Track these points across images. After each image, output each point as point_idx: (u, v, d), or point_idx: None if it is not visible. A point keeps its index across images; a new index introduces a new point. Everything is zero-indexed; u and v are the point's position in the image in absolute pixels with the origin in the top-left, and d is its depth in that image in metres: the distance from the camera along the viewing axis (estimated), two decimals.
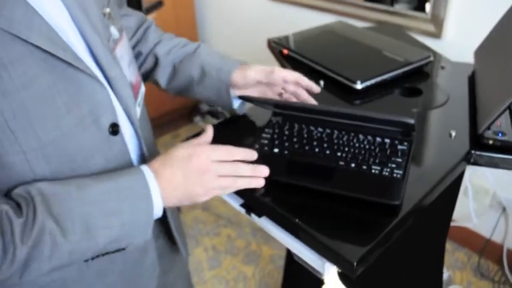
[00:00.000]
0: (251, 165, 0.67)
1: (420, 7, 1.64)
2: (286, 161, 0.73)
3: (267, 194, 0.69)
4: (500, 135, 0.78)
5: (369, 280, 0.73)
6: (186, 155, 0.63)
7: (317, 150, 0.74)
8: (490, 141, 0.78)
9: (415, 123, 0.70)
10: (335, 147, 0.74)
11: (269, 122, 0.82)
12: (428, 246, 1.01)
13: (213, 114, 2.78)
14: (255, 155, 0.68)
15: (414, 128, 0.72)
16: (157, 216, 0.61)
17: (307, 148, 0.74)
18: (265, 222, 0.71)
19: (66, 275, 0.64)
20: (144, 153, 0.70)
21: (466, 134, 0.82)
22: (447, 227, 1.03)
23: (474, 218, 1.74)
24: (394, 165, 0.69)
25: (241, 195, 0.74)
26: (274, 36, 1.28)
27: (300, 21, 1.49)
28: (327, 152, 0.73)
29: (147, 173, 0.60)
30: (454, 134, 0.82)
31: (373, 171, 0.69)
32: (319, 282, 0.70)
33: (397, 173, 0.68)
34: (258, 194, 0.69)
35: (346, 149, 0.73)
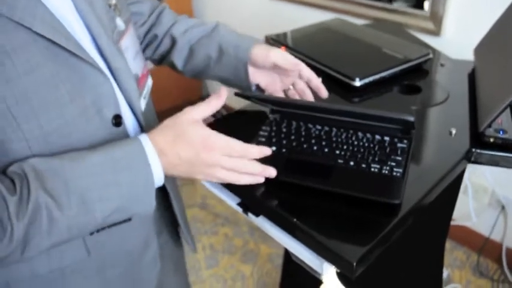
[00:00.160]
0: (261, 166, 0.64)
1: (419, 4, 1.62)
2: (284, 159, 0.71)
3: (265, 193, 0.68)
4: (501, 133, 0.77)
5: (367, 280, 0.72)
6: (197, 140, 0.59)
7: (315, 148, 0.73)
8: (491, 139, 0.77)
9: (415, 121, 0.69)
10: (334, 145, 0.72)
11: (267, 119, 0.81)
12: (428, 246, 1.00)
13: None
14: (269, 151, 0.65)
15: (414, 126, 0.71)
16: (159, 185, 0.60)
17: (306, 146, 0.73)
18: (262, 222, 0.70)
19: (65, 266, 0.63)
20: None
21: (467, 132, 0.81)
22: (447, 226, 1.02)
23: (473, 216, 1.73)
24: (393, 164, 0.68)
25: (238, 194, 0.72)
26: (272, 33, 1.27)
27: (298, 18, 1.49)
28: (326, 150, 0.72)
29: (145, 141, 0.58)
30: (454, 132, 0.81)
31: (372, 170, 0.68)
32: (318, 281, 0.69)
33: (397, 171, 0.67)
34: (255, 193, 0.68)
35: (345, 147, 0.72)
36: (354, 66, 1.01)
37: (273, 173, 0.65)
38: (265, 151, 0.64)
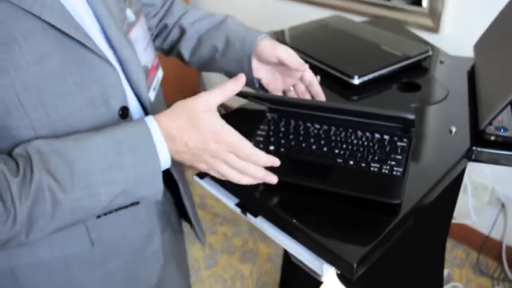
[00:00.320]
0: (264, 171, 0.63)
1: (417, 1, 1.61)
2: (282, 158, 0.70)
3: (263, 193, 0.67)
4: (502, 131, 0.76)
5: (368, 279, 0.71)
6: (208, 130, 0.58)
7: (314, 147, 0.72)
8: (492, 137, 0.76)
9: (415, 119, 0.68)
10: (333, 144, 0.71)
11: (264, 118, 0.80)
12: (428, 245, 0.99)
13: None
14: (278, 162, 0.64)
15: (414, 124, 0.70)
16: (165, 167, 0.59)
17: (304, 145, 0.72)
18: (261, 222, 0.69)
19: (68, 255, 0.64)
20: None
21: (467, 130, 0.80)
22: (448, 225, 1.02)
23: (473, 214, 1.72)
24: (393, 163, 0.67)
25: (236, 194, 0.71)
26: (270, 30, 1.26)
27: (297, 16, 1.47)
28: (325, 149, 0.71)
29: (151, 122, 0.57)
30: (454, 130, 0.80)
31: (372, 169, 0.67)
32: (318, 283, 0.68)
33: (397, 170, 0.66)
34: (254, 193, 0.67)
35: (344, 145, 0.71)
36: (353, 64, 1.00)
37: (274, 180, 0.64)
38: (274, 161, 0.63)
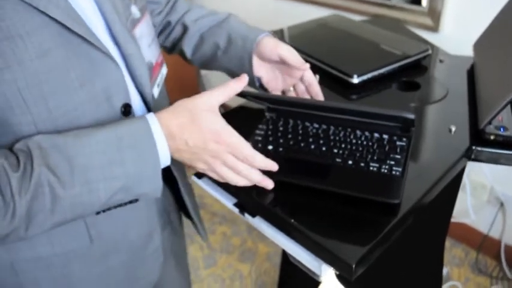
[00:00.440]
0: (262, 176, 0.64)
1: (417, 0, 1.61)
2: (281, 158, 0.70)
3: (261, 193, 0.66)
4: (502, 130, 0.75)
5: (366, 279, 0.71)
6: (209, 130, 0.58)
7: (313, 146, 0.71)
8: (492, 137, 0.75)
9: (415, 118, 0.68)
10: (331, 144, 0.71)
11: (263, 118, 0.79)
12: (428, 244, 0.99)
13: None
14: (276, 167, 0.64)
15: (414, 123, 0.70)
16: (165, 165, 0.59)
17: (303, 145, 0.72)
18: (259, 223, 0.68)
19: (68, 251, 0.64)
20: None
21: (466, 130, 0.80)
22: (447, 224, 1.01)
23: (472, 213, 1.72)
24: (392, 162, 0.67)
25: (234, 194, 0.71)
26: (270, 30, 1.25)
27: (297, 15, 1.47)
28: (323, 149, 0.70)
29: (152, 119, 0.57)
30: (453, 129, 0.79)
31: (371, 169, 0.66)
32: (317, 282, 0.68)
33: (396, 170, 0.65)
34: (251, 193, 0.66)
35: (343, 145, 0.70)
36: (352, 63, 1.00)
37: (270, 185, 0.64)
38: (273, 166, 0.64)
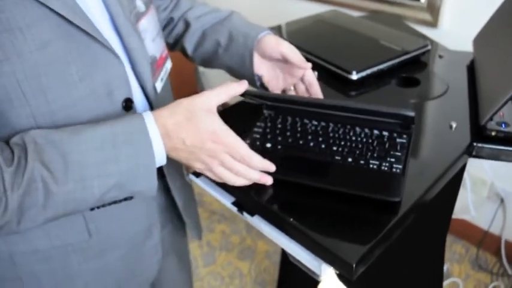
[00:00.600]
0: (259, 174, 0.62)
1: None
2: (279, 156, 0.69)
3: (259, 192, 0.66)
4: (503, 126, 0.74)
5: (367, 276, 0.70)
6: (207, 130, 0.57)
7: (312, 144, 0.70)
8: (493, 133, 0.74)
9: (415, 116, 0.67)
10: (331, 141, 0.70)
11: (261, 115, 0.78)
12: (429, 242, 0.98)
13: None
14: (274, 168, 0.63)
15: (414, 121, 0.69)
16: (161, 164, 0.58)
17: (302, 142, 0.71)
18: (258, 221, 0.67)
19: (66, 244, 0.64)
20: None
21: (467, 126, 0.79)
22: (448, 221, 1.01)
23: (472, 209, 1.71)
24: (393, 160, 0.66)
25: (232, 193, 0.70)
26: (268, 26, 1.24)
27: (295, 11, 1.46)
28: (322, 146, 0.69)
29: (148, 118, 0.56)
30: (454, 125, 0.79)
31: (371, 166, 0.65)
32: (317, 282, 0.67)
33: (397, 167, 0.64)
34: (250, 192, 0.65)
35: (343, 142, 0.69)
36: (351, 59, 0.99)
37: (269, 181, 0.63)
38: (270, 167, 0.63)
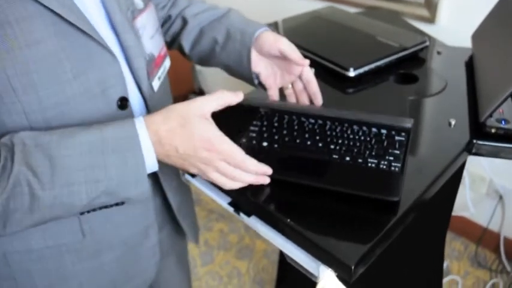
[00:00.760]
0: (255, 176, 0.61)
1: None
2: (276, 155, 0.68)
3: (256, 192, 0.64)
4: (503, 123, 0.73)
5: (366, 275, 0.69)
6: (200, 137, 0.56)
7: (309, 143, 0.69)
8: (493, 130, 0.73)
9: (412, 128, 0.66)
10: (328, 140, 0.69)
11: (257, 113, 0.77)
12: (428, 240, 0.97)
13: None
14: (270, 170, 0.62)
15: (410, 132, 0.68)
16: (152, 170, 0.57)
17: (299, 141, 0.69)
18: (254, 222, 0.66)
19: (61, 244, 0.63)
20: None
21: (466, 123, 0.78)
22: (448, 219, 1.00)
23: (471, 207, 1.71)
24: (391, 158, 0.64)
25: (228, 194, 0.69)
26: (264, 23, 1.22)
27: (292, 8, 1.44)
28: (320, 145, 0.68)
29: (140, 124, 0.55)
30: (453, 122, 0.77)
31: (369, 165, 0.64)
32: (316, 283, 0.66)
33: (395, 166, 0.63)
34: (246, 192, 0.64)
35: (340, 141, 0.68)
36: (348, 56, 0.98)
37: (266, 180, 0.62)
38: (266, 171, 0.62)
